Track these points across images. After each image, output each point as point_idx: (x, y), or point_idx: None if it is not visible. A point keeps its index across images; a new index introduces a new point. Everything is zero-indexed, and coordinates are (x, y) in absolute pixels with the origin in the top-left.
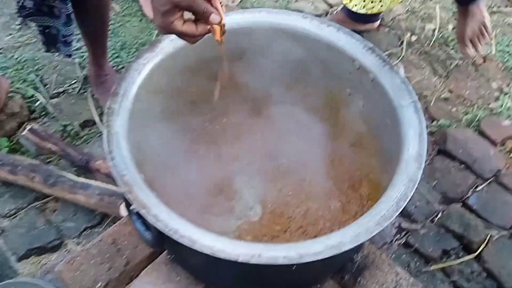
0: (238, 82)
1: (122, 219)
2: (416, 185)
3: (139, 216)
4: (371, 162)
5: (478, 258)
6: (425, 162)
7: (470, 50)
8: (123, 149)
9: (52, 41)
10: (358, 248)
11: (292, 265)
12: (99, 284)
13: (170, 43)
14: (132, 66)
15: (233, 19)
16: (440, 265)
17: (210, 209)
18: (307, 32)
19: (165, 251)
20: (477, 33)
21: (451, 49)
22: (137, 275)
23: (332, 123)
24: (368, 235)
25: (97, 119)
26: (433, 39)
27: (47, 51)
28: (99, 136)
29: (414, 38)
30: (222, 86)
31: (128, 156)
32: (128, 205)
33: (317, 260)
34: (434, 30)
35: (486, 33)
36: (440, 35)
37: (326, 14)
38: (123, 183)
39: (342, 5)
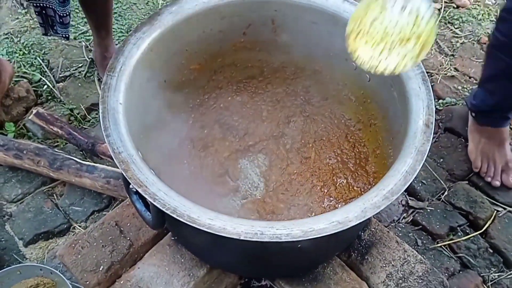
0: (243, 58)
1: (125, 201)
2: (425, 158)
3: (139, 195)
4: (378, 137)
5: (484, 234)
6: (431, 140)
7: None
8: (119, 125)
9: (49, 22)
10: (365, 225)
11: (297, 242)
12: (102, 268)
13: (170, 16)
14: (129, 39)
15: None
16: (447, 242)
17: (214, 189)
18: (313, 3)
19: (169, 233)
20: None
21: (457, 28)
22: (141, 258)
23: (338, 99)
24: (375, 210)
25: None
26: (439, 18)
27: (45, 34)
28: None
29: None
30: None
31: (125, 133)
32: (126, 183)
33: (323, 237)
34: (439, 10)
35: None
36: (446, 14)
37: None
38: (120, 161)
39: None
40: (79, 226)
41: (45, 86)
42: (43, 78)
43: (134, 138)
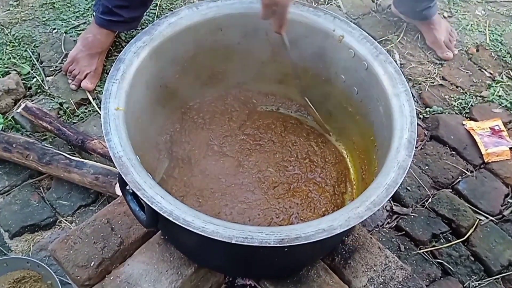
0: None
1: (116, 199)
2: (406, 173)
3: (134, 196)
4: (362, 150)
5: (466, 242)
6: (417, 147)
7: (449, 53)
8: (120, 130)
9: None
10: (348, 232)
11: (284, 247)
12: (93, 263)
13: (169, 27)
14: (130, 48)
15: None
16: (429, 248)
17: (206, 191)
18: (305, 19)
19: (159, 232)
20: (448, 37)
21: None
22: (131, 255)
23: (324, 111)
24: (358, 220)
25: (91, 98)
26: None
27: None
28: (95, 115)
29: (410, 26)
30: None
31: (125, 138)
32: (123, 185)
33: (308, 243)
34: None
35: (454, 35)
36: None
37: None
38: (120, 164)
39: None
40: (66, 220)
41: (35, 79)
42: (33, 71)
43: (134, 143)
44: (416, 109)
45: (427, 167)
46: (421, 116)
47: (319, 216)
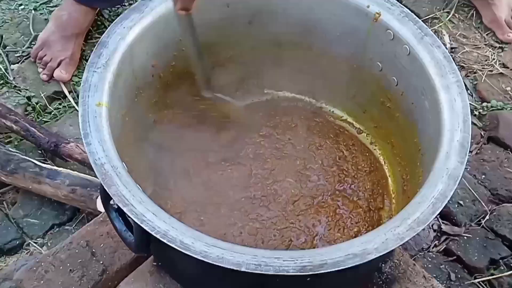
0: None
1: (98, 217)
2: (458, 183)
3: (120, 213)
4: (403, 155)
5: None
6: (472, 152)
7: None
8: (102, 132)
9: None
10: (386, 257)
11: (306, 276)
12: None
13: (163, 3)
14: (114, 29)
15: None
16: (487, 278)
17: (210, 206)
18: None
19: (151, 257)
20: (511, 14)
21: None
22: (116, 286)
23: (357, 108)
24: (398, 242)
25: (66, 91)
26: None
27: None
28: (72, 112)
29: (463, 0)
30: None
31: (108, 141)
32: (106, 199)
33: (337, 271)
34: None
35: None
36: None
37: None
38: (102, 173)
39: None
40: (35, 243)
41: None
42: None
43: (119, 147)
44: (470, 104)
45: (484, 176)
46: (477, 113)
47: (349, 237)
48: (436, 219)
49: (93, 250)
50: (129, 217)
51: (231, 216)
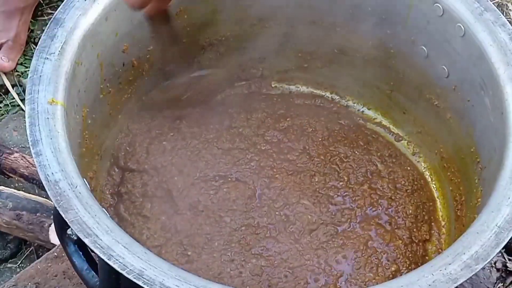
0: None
1: (51, 251)
2: None
3: (80, 246)
4: (456, 169)
5: None
6: None
7: None
8: (57, 138)
9: None
10: None
11: None
12: None
13: None
14: (72, 2)
15: None
16: None
17: (199, 237)
18: None
19: None
20: None
21: None
22: None
23: (395, 107)
24: (450, 285)
25: (9, 84)
26: None
27: None
28: (16, 112)
29: None
30: None
31: (65, 150)
32: (62, 228)
33: None
34: None
35: None
36: None
37: None
38: (57, 194)
39: None
40: None
41: None
42: None
43: (80, 159)
44: None
45: None
46: None
47: (385, 278)
48: (500, 254)
49: None
50: (93, 251)
51: (227, 250)
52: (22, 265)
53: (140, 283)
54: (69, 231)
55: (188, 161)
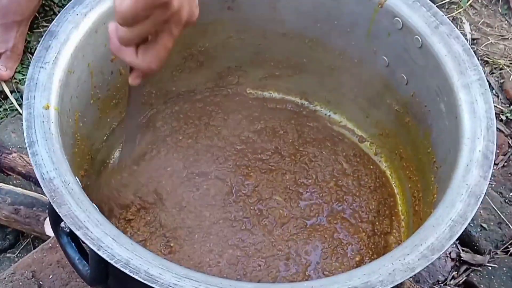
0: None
1: (46, 242)
2: (480, 202)
3: (73, 238)
4: (414, 168)
5: None
6: (498, 164)
7: None
8: (52, 140)
9: None
10: None
11: None
12: None
13: None
14: (65, 16)
15: None
16: None
17: (181, 230)
18: None
19: None
20: None
21: None
22: None
23: (359, 112)
24: (408, 273)
25: (7, 90)
26: None
27: None
28: (14, 116)
29: None
30: None
31: (59, 151)
32: (56, 221)
33: None
34: None
35: None
36: None
37: None
38: (51, 190)
39: None
40: None
41: None
42: None
43: (72, 158)
44: (495, 106)
45: None
46: (503, 118)
47: (350, 267)
48: (454, 245)
49: (40, 282)
50: (84, 242)
51: (206, 241)
52: (20, 255)
53: (126, 271)
54: (62, 224)
55: (170, 160)
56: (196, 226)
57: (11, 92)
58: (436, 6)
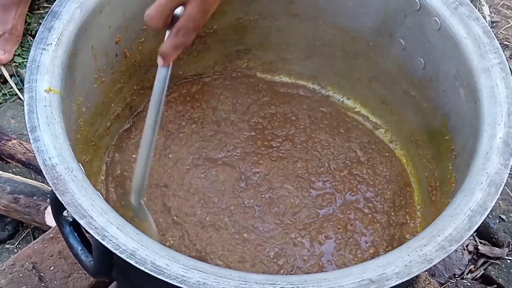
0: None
1: (47, 233)
2: (500, 192)
3: (76, 228)
4: (431, 156)
5: None
6: None
7: None
8: (54, 125)
9: None
10: (409, 284)
11: None
12: None
13: None
14: None
15: None
16: None
17: (191, 220)
18: None
19: (114, 283)
20: None
21: None
22: None
23: (374, 97)
24: (425, 265)
25: (7, 74)
26: None
27: None
28: (14, 101)
29: None
30: None
31: (62, 136)
32: (58, 210)
33: None
34: None
35: None
36: None
37: None
38: (53, 177)
39: None
40: None
41: None
42: None
43: (75, 144)
44: None
45: None
46: None
47: (364, 259)
48: (472, 237)
49: (41, 274)
50: (87, 232)
51: (215, 230)
52: (19, 246)
53: (132, 262)
54: (65, 213)
55: (177, 145)
56: (204, 214)
57: (11, 76)
58: None
